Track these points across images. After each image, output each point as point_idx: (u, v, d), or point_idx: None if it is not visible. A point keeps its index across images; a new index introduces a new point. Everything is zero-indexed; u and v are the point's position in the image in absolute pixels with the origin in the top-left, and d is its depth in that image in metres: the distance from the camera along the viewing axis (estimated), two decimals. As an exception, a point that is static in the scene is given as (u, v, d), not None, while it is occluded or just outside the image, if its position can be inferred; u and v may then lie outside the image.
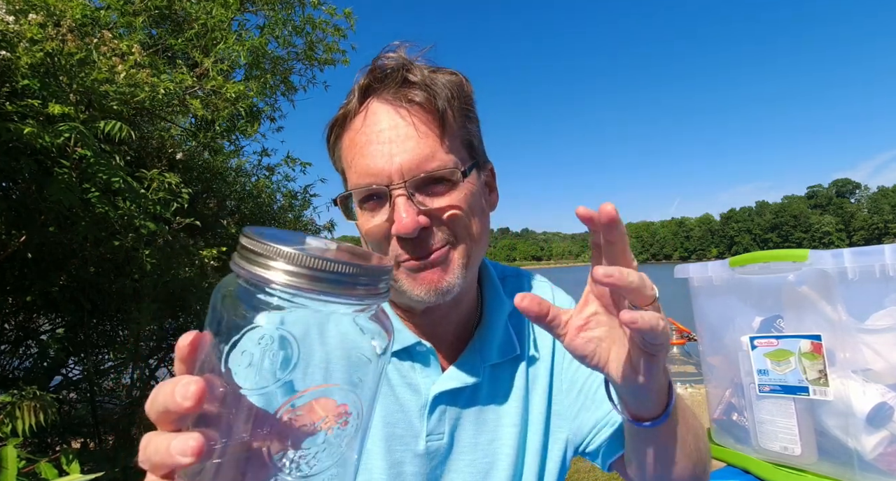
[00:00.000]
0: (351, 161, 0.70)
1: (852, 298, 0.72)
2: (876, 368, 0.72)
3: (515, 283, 0.91)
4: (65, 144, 1.87)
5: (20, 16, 1.93)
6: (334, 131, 0.74)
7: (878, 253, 0.68)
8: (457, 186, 0.69)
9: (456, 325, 0.81)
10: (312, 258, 0.31)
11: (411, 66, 0.69)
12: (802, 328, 0.77)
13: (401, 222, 0.65)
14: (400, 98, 0.67)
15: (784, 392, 0.79)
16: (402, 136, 0.66)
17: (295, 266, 0.31)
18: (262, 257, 0.32)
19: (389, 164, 0.65)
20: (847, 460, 0.73)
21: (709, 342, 0.96)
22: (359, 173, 0.68)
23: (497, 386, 0.82)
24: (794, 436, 0.79)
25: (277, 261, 0.32)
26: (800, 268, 0.76)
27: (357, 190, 0.68)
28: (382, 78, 0.69)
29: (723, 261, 0.88)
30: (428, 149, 0.66)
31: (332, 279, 0.32)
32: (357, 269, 0.33)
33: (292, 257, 0.31)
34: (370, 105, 0.69)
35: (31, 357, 3.10)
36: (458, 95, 0.70)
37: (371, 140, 0.67)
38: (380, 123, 0.67)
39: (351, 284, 0.33)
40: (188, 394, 0.31)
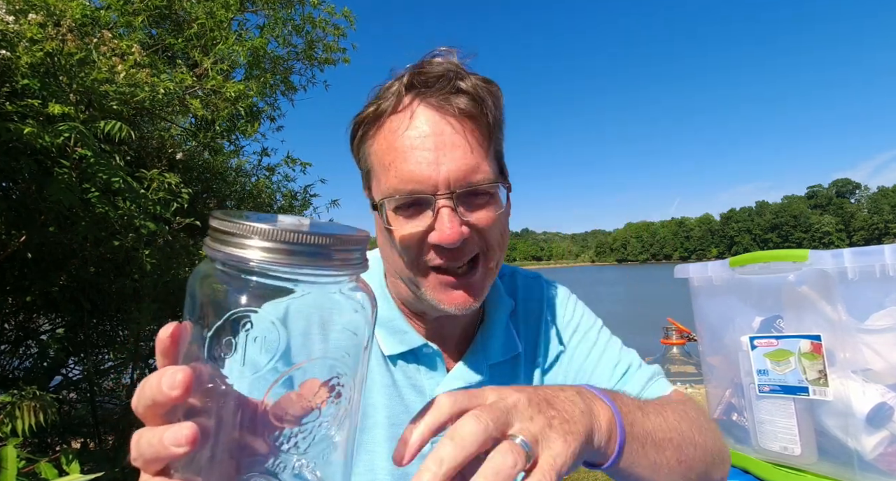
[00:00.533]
0: (390, 163, 0.67)
1: (852, 298, 0.72)
2: (876, 368, 0.72)
3: (515, 282, 0.92)
4: (65, 144, 1.87)
5: (20, 15, 1.93)
6: (363, 128, 0.71)
7: (878, 253, 0.68)
8: (494, 199, 0.68)
9: (460, 327, 0.82)
10: (287, 232, 0.31)
11: (464, 73, 0.67)
12: (802, 328, 0.77)
13: (445, 232, 0.64)
14: (450, 104, 0.65)
15: (784, 392, 0.79)
16: (449, 145, 0.64)
17: (270, 241, 0.31)
18: (236, 237, 0.31)
19: (436, 173, 0.64)
20: (847, 460, 0.73)
21: (709, 342, 0.96)
22: (401, 178, 0.65)
23: (500, 384, 0.82)
24: (794, 436, 0.79)
25: (252, 238, 0.31)
26: (800, 268, 0.76)
27: (400, 195, 0.66)
28: (432, 82, 0.66)
29: (723, 261, 0.88)
30: (474, 160, 0.65)
31: (309, 251, 0.32)
32: (332, 240, 0.32)
33: (266, 233, 0.31)
34: (414, 107, 0.66)
35: (31, 357, 3.10)
36: (499, 106, 0.70)
37: (415, 145, 0.65)
38: (424, 128, 0.65)
39: (327, 255, 0.32)
40: (175, 383, 0.31)
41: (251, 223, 0.31)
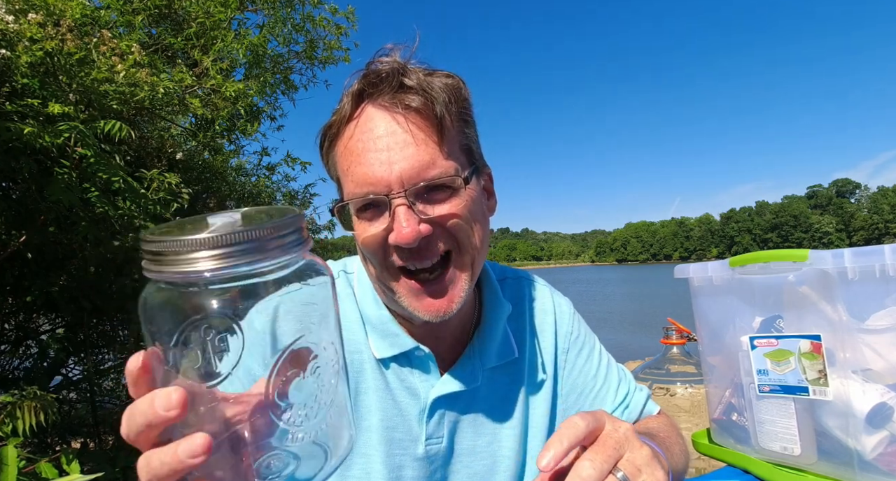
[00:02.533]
0: (347, 169, 0.66)
1: (852, 298, 0.72)
2: (876, 368, 0.72)
3: (515, 286, 0.91)
4: (65, 144, 1.87)
5: (20, 15, 1.93)
6: (327, 138, 0.71)
7: (878, 253, 0.68)
8: (458, 193, 0.66)
9: (454, 329, 0.80)
10: (210, 238, 0.31)
11: (406, 69, 0.66)
12: (802, 328, 0.77)
13: (401, 232, 0.62)
14: (396, 103, 0.64)
15: (784, 392, 0.79)
16: (401, 143, 0.63)
17: (202, 250, 0.31)
18: (169, 255, 0.32)
19: (388, 173, 0.63)
20: (847, 460, 0.73)
21: (709, 342, 0.96)
22: (356, 182, 0.65)
23: (496, 389, 0.82)
24: (794, 436, 0.79)
25: (185, 253, 0.31)
26: (800, 268, 0.76)
27: (355, 199, 0.65)
28: (377, 82, 0.65)
29: (723, 261, 0.88)
30: (427, 156, 0.64)
31: (243, 250, 0.32)
32: (261, 232, 0.33)
33: (193, 244, 0.31)
34: (365, 111, 0.66)
35: (31, 357, 3.10)
36: (455, 99, 0.67)
37: (368, 147, 0.64)
38: (376, 130, 0.64)
39: (261, 248, 0.33)
40: (172, 403, 0.31)
41: (178, 237, 0.31)
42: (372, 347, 0.76)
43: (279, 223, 0.34)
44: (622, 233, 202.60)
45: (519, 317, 0.87)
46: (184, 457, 0.31)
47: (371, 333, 0.77)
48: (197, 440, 0.31)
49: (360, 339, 0.77)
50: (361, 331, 0.77)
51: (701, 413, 2.25)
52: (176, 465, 0.32)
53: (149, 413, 0.32)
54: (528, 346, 0.86)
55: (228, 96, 2.62)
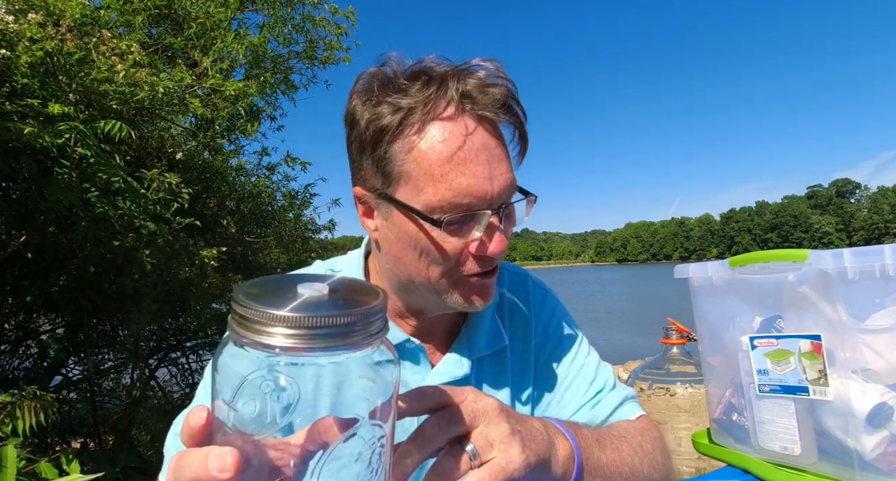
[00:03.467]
0: (441, 175, 0.63)
1: (852, 298, 0.72)
2: (876, 368, 0.72)
3: (505, 278, 0.92)
4: (65, 144, 1.87)
5: (20, 15, 1.93)
6: (397, 126, 0.65)
7: (878, 253, 0.68)
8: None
9: (444, 322, 0.82)
10: (307, 318, 0.32)
11: (514, 87, 0.67)
12: (802, 328, 0.77)
13: (499, 244, 0.67)
14: (499, 118, 0.66)
15: (784, 392, 0.79)
16: (497, 158, 0.66)
17: (291, 328, 0.32)
18: (257, 323, 0.32)
19: (491, 187, 0.64)
20: (847, 460, 0.73)
21: (709, 342, 0.96)
22: (456, 192, 0.63)
23: (486, 378, 0.83)
24: (794, 436, 0.79)
25: (273, 326, 0.32)
26: (800, 268, 0.76)
27: (456, 208, 0.64)
28: (482, 91, 0.65)
29: (723, 261, 0.88)
30: (511, 173, 0.68)
31: (330, 334, 0.33)
32: (352, 317, 0.33)
33: (287, 320, 0.32)
34: (465, 118, 0.64)
35: (31, 357, 3.10)
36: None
37: (469, 157, 0.63)
38: (478, 140, 0.64)
39: (347, 334, 0.33)
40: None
41: (272, 311, 0.32)
42: None
43: (364, 311, 0.34)
44: (622, 233, 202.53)
45: (506, 306, 0.89)
46: (211, 468, 0.31)
47: None
48: (228, 457, 0.31)
49: (349, 384, 0.77)
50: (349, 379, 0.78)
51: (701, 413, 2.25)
52: (201, 475, 0.32)
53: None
54: (516, 335, 0.88)
55: (228, 96, 2.62)
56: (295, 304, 0.33)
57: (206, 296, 3.16)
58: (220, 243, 3.07)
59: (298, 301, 0.34)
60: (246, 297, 0.34)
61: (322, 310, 0.33)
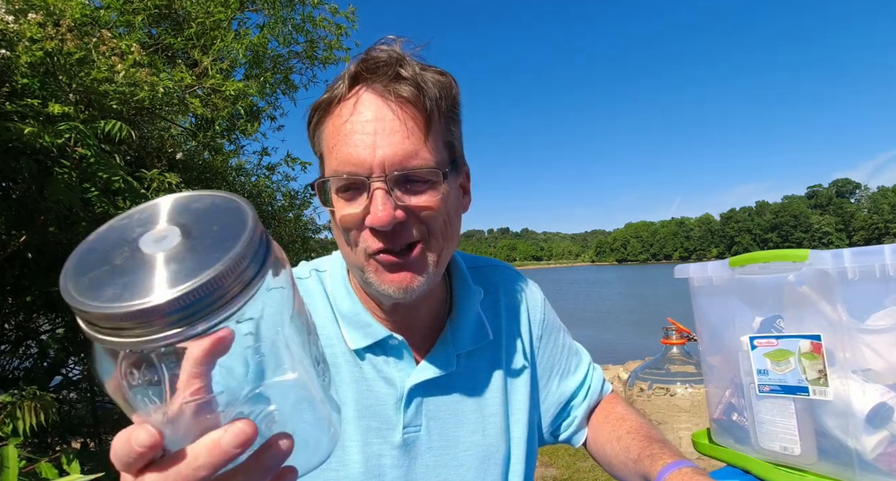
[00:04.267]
0: (333, 147, 0.69)
1: (852, 298, 0.72)
2: (876, 368, 0.72)
3: (486, 273, 0.93)
4: (65, 144, 1.87)
5: (20, 15, 1.93)
6: (317, 115, 0.73)
7: (878, 253, 0.68)
8: (435, 186, 0.69)
9: (427, 318, 0.82)
10: (179, 299, 0.26)
11: (404, 60, 0.69)
12: (802, 328, 0.77)
13: (376, 214, 0.65)
14: (390, 91, 0.67)
15: (784, 392, 0.79)
16: (388, 130, 0.66)
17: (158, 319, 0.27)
18: (109, 328, 0.27)
19: (372, 156, 0.65)
20: (847, 460, 0.73)
21: (708, 342, 0.96)
22: (340, 160, 0.67)
23: (474, 375, 0.83)
24: (794, 436, 0.79)
25: (130, 326, 0.27)
26: (800, 268, 0.76)
27: (336, 177, 0.68)
28: (374, 69, 0.68)
29: (723, 261, 0.88)
30: (412, 146, 0.66)
31: (209, 302, 0.27)
32: (225, 270, 0.28)
33: (143, 313, 0.26)
34: (359, 94, 0.68)
35: (31, 357, 3.10)
36: (445, 96, 0.70)
37: (356, 129, 0.66)
38: (366, 113, 0.67)
39: (228, 293, 0.28)
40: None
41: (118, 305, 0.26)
42: (346, 339, 0.77)
43: (241, 250, 0.28)
44: (622, 233, 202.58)
45: (493, 303, 0.90)
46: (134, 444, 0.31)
47: (345, 326, 0.78)
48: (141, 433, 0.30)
49: (333, 334, 0.78)
50: (334, 326, 0.79)
51: (701, 413, 2.25)
52: (129, 451, 0.32)
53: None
54: (503, 331, 0.88)
55: (228, 96, 2.62)
56: (153, 275, 0.27)
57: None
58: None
59: (152, 263, 0.28)
60: (91, 293, 0.28)
61: (192, 286, 0.27)
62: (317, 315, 0.79)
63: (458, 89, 0.74)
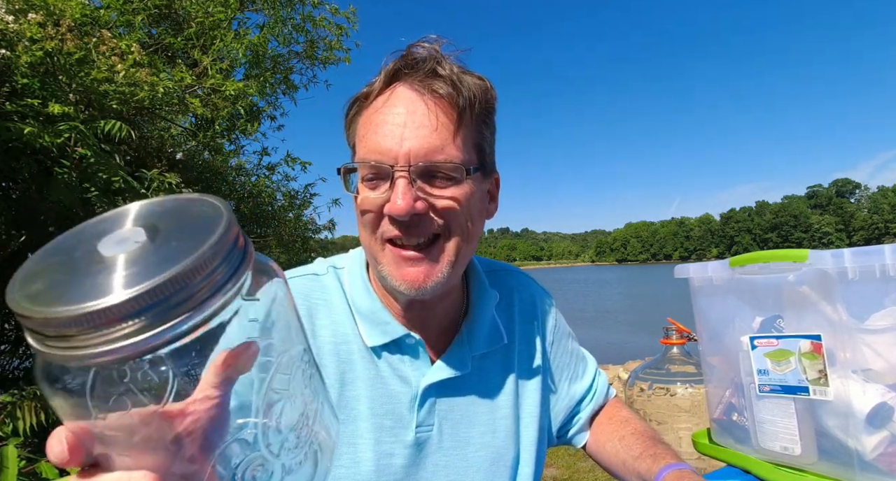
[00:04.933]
0: (363, 136, 0.70)
1: (852, 298, 0.72)
2: (876, 368, 0.72)
3: (503, 278, 0.94)
4: (65, 144, 1.87)
5: (20, 15, 1.93)
6: (355, 106, 0.75)
7: (878, 253, 0.68)
8: (459, 184, 0.69)
9: (443, 318, 0.82)
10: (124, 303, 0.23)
11: (443, 59, 0.70)
12: (802, 328, 0.77)
13: (395, 203, 0.66)
14: (425, 87, 0.69)
15: (784, 392, 0.79)
16: (417, 123, 0.67)
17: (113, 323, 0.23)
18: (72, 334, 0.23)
19: (399, 146, 0.66)
20: (847, 460, 0.73)
21: (709, 342, 0.96)
22: (368, 149, 0.69)
23: (487, 377, 0.84)
24: (794, 436, 0.79)
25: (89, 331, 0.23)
26: (800, 268, 0.76)
27: (363, 164, 0.69)
28: (413, 64, 0.70)
29: (723, 261, 0.88)
30: (439, 141, 0.67)
31: (174, 301, 0.24)
32: (191, 267, 0.25)
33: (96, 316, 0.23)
34: (395, 88, 0.70)
35: (31, 357, 3.10)
36: (480, 99, 0.71)
37: (387, 120, 0.68)
38: (399, 106, 0.68)
39: (196, 292, 0.25)
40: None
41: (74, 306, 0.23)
42: (363, 336, 0.78)
43: (209, 249, 0.25)
44: (622, 233, 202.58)
45: (507, 307, 0.90)
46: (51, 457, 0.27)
47: (362, 323, 0.78)
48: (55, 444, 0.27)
49: (350, 330, 0.78)
50: (351, 322, 0.79)
51: (701, 413, 2.25)
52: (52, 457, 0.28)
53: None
54: (517, 335, 0.89)
55: (228, 96, 2.62)
56: (111, 277, 0.24)
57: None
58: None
59: (111, 268, 0.25)
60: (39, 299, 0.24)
61: (153, 283, 0.23)
62: (333, 311, 0.79)
63: (495, 95, 0.75)
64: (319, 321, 0.77)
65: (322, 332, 0.77)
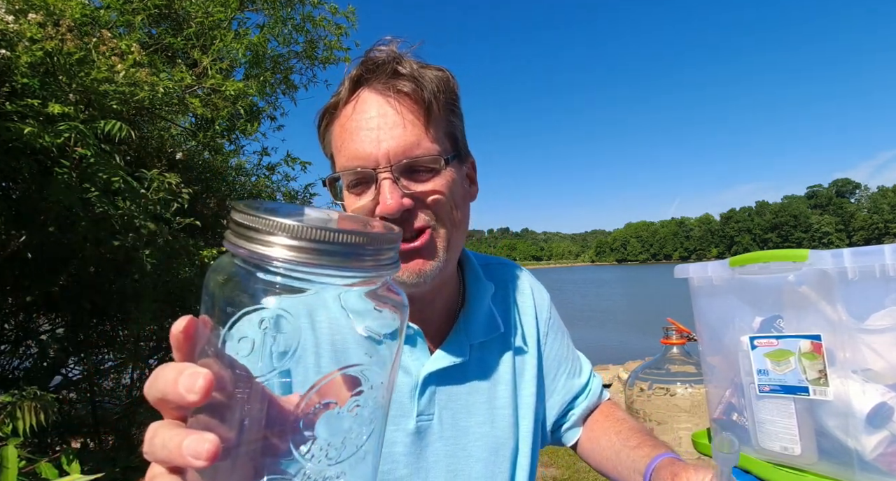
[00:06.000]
0: (340, 145, 0.72)
1: (852, 298, 0.72)
2: (876, 368, 0.72)
3: (498, 270, 0.96)
4: (65, 144, 1.87)
5: (20, 15, 1.93)
6: (325, 118, 0.77)
7: (878, 253, 0.68)
8: (439, 174, 0.72)
9: (441, 310, 0.84)
10: (313, 229, 0.29)
11: (401, 59, 0.72)
12: (802, 328, 0.77)
13: (385, 203, 0.68)
14: (389, 88, 0.71)
15: (784, 392, 0.79)
16: (390, 124, 0.69)
17: (296, 239, 0.28)
18: (259, 232, 0.29)
19: (377, 149, 0.68)
20: (847, 460, 0.73)
21: (708, 342, 0.96)
22: (347, 156, 0.71)
23: (485, 366, 0.86)
24: (794, 436, 0.79)
25: (277, 235, 0.29)
26: (800, 268, 0.76)
27: (345, 171, 0.71)
28: (374, 69, 0.72)
29: (723, 261, 0.88)
30: (414, 136, 0.70)
31: (339, 251, 0.29)
32: (363, 238, 0.30)
33: (292, 230, 0.28)
34: (361, 94, 0.72)
35: (31, 357, 3.10)
36: (443, 89, 0.73)
37: (360, 126, 0.70)
38: (369, 111, 0.70)
39: (357, 256, 0.30)
40: (195, 388, 0.28)
41: (276, 218, 0.29)
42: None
43: (379, 236, 0.32)
44: (622, 233, 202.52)
45: (503, 298, 0.92)
46: (185, 453, 0.29)
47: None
48: (204, 443, 0.28)
49: (346, 324, 0.79)
50: (347, 317, 0.80)
51: (701, 413, 2.25)
52: (175, 456, 0.29)
53: (169, 387, 0.30)
54: (513, 325, 0.90)
55: (228, 96, 2.62)
56: (302, 218, 0.30)
57: (206, 296, 3.15)
58: (221, 243, 3.07)
59: (305, 216, 0.31)
60: (247, 207, 0.30)
61: (331, 228, 0.29)
62: (329, 307, 0.80)
63: (456, 83, 0.77)
64: (318, 316, 0.79)
65: (321, 326, 0.79)
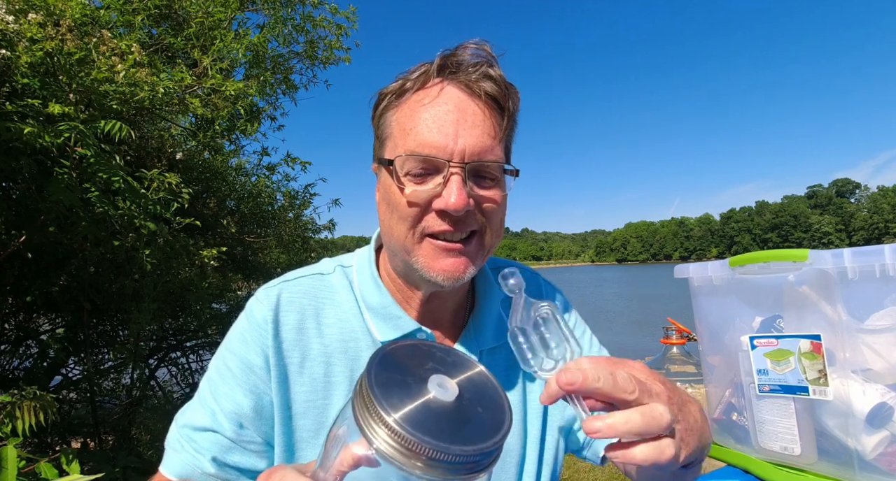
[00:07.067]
0: (410, 129, 0.70)
1: (852, 298, 0.72)
2: (876, 368, 0.72)
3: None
4: (65, 144, 1.87)
5: (20, 15, 1.93)
6: (388, 99, 0.75)
7: (878, 253, 0.68)
8: (500, 183, 0.72)
9: (451, 312, 0.84)
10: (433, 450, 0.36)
11: (494, 61, 0.72)
12: (802, 328, 0.77)
13: (450, 199, 0.67)
14: (477, 87, 0.70)
15: (784, 392, 0.79)
16: (470, 122, 0.69)
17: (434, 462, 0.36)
18: (415, 458, 0.36)
19: (453, 143, 0.67)
20: (847, 460, 0.73)
21: (709, 342, 0.96)
22: (419, 142, 0.69)
23: (493, 372, 0.84)
24: (794, 436, 0.79)
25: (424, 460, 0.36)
26: (800, 268, 0.76)
27: (415, 156, 0.69)
28: (463, 65, 0.71)
29: (723, 261, 0.88)
30: (490, 140, 0.70)
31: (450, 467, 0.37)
32: (473, 454, 0.38)
33: (433, 453, 0.36)
34: (443, 86, 0.71)
35: (31, 357, 3.10)
36: (517, 104, 0.74)
37: (439, 116, 0.69)
38: (449, 103, 0.69)
39: (467, 469, 0.38)
40: None
41: (428, 442, 0.36)
42: (374, 331, 0.79)
43: (482, 450, 0.39)
44: (622, 233, 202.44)
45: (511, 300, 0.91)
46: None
47: (373, 318, 0.79)
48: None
49: (358, 327, 0.80)
50: (359, 319, 0.80)
51: (701, 413, 2.25)
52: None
53: None
54: None
55: (228, 96, 2.62)
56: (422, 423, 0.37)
57: (206, 296, 3.16)
58: (220, 243, 3.08)
59: (430, 399, 0.39)
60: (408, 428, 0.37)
61: (446, 438, 0.36)
62: (341, 309, 0.81)
63: (520, 101, 0.77)
64: (327, 320, 0.79)
65: (329, 330, 0.78)
